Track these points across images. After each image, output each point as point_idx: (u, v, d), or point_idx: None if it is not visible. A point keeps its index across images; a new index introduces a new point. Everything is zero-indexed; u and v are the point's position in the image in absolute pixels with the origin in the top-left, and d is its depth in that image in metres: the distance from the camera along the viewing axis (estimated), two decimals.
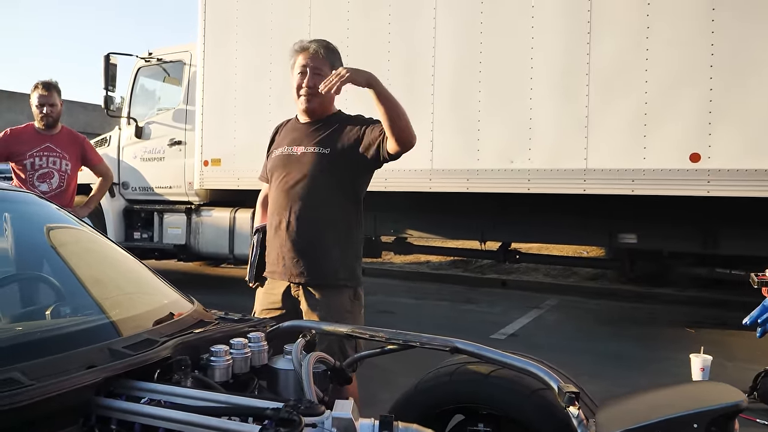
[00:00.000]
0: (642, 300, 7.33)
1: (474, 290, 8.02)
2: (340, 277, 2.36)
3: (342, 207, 2.37)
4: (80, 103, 26.61)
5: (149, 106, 7.52)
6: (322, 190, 2.33)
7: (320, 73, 2.35)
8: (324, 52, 2.39)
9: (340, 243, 2.36)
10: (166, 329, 1.57)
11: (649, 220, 5.50)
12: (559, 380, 1.46)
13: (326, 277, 2.34)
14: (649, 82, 4.51)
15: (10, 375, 1.15)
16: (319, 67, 2.37)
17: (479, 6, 5.01)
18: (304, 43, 2.43)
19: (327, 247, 2.34)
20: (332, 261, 2.34)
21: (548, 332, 5.73)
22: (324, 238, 2.34)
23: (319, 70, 2.36)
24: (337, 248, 2.35)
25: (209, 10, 6.31)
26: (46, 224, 2.03)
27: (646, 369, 4.45)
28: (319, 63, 2.37)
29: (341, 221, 2.37)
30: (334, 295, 2.34)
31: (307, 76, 2.37)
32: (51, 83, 3.94)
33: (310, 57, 2.38)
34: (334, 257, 2.35)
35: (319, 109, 2.42)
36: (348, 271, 2.38)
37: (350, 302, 2.38)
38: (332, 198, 2.34)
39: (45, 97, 3.85)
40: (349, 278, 2.39)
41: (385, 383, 3.73)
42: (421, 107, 5.25)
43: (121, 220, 7.27)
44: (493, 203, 5.70)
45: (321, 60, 2.38)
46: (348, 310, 2.36)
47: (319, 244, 2.34)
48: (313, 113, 2.43)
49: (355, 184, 2.42)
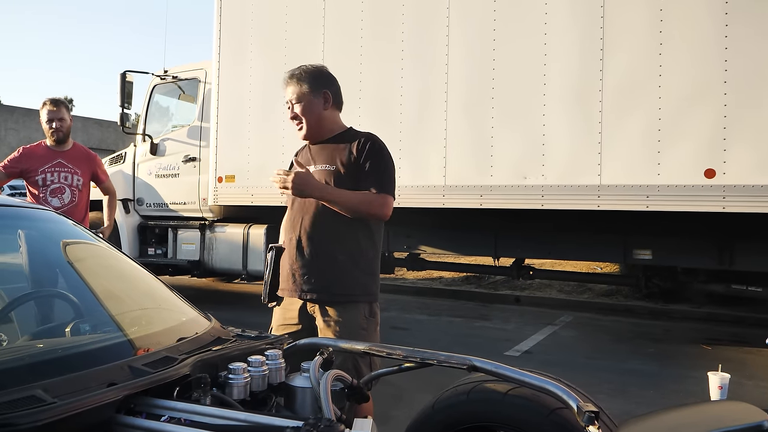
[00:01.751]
0: (657, 317, 7.26)
1: (487, 306, 7.98)
2: (352, 293, 2.36)
3: (350, 223, 2.36)
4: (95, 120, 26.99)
5: (164, 123, 7.61)
6: (328, 207, 2.35)
7: (299, 101, 2.44)
8: (297, 77, 2.45)
9: (350, 259, 2.36)
10: (184, 347, 1.57)
11: (664, 236, 5.46)
12: (578, 399, 1.45)
13: (338, 294, 2.34)
14: (662, 98, 4.49)
15: (33, 393, 1.16)
16: (297, 95, 2.45)
17: (492, 23, 5.04)
18: (285, 75, 2.51)
19: (337, 263, 2.34)
20: (343, 277, 2.35)
21: (563, 349, 5.69)
22: (333, 254, 2.34)
23: (298, 99, 2.45)
24: (347, 264, 2.35)
25: (224, 29, 6.39)
26: (65, 240, 2.05)
27: (663, 387, 4.40)
28: (296, 90, 2.44)
29: (350, 237, 2.37)
30: (348, 311, 2.34)
31: (291, 108, 2.47)
32: (59, 99, 4.03)
33: (288, 88, 2.47)
34: (344, 273, 2.35)
35: (315, 134, 2.48)
36: (360, 287, 2.38)
37: (365, 319, 2.37)
38: (340, 214, 2.35)
39: (54, 113, 3.93)
40: (362, 294, 2.38)
41: (397, 400, 3.72)
42: (435, 123, 5.27)
43: (136, 236, 7.33)
44: (506, 219, 5.69)
45: (296, 86, 2.44)
46: (363, 327, 2.35)
47: (329, 260, 2.34)
48: (312, 138, 2.49)
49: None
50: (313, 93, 2.42)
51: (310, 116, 2.43)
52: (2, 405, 1.10)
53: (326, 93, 2.44)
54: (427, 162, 5.32)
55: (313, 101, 2.42)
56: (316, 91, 2.42)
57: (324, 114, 2.45)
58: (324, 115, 2.45)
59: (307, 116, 2.43)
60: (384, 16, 5.49)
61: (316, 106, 2.43)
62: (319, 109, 2.44)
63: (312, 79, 2.43)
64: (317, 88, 2.43)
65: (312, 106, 2.43)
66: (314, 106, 2.43)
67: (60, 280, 1.92)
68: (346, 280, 2.35)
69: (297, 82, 2.43)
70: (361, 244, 2.40)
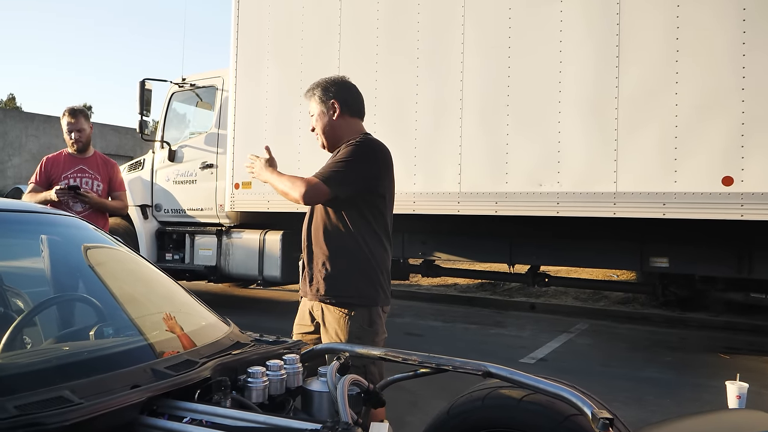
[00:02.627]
0: (674, 325, 7.19)
1: (502, 313, 7.96)
2: (344, 295, 2.36)
3: (344, 228, 2.39)
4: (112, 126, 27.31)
5: (182, 130, 7.70)
6: (321, 211, 2.43)
7: (312, 114, 2.56)
8: (310, 92, 2.56)
9: (342, 262, 2.38)
10: (205, 350, 1.61)
11: (681, 244, 5.43)
12: (592, 406, 1.46)
13: (331, 296, 2.38)
14: (679, 105, 4.48)
15: (61, 393, 1.20)
16: (310, 110, 2.57)
17: (507, 31, 5.06)
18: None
19: (331, 266, 2.38)
20: (347, 281, 2.37)
21: (578, 357, 5.66)
22: (326, 257, 2.39)
23: (312, 112, 2.56)
24: (339, 267, 2.37)
25: (241, 38, 6.47)
26: (86, 245, 2.10)
27: (680, 396, 4.36)
28: (310, 103, 2.57)
29: (344, 241, 2.38)
30: (342, 315, 2.35)
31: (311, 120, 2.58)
32: (77, 109, 4.11)
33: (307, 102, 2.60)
34: (347, 277, 2.37)
35: (331, 144, 2.55)
36: (352, 290, 2.36)
37: (360, 328, 2.34)
38: (333, 219, 2.41)
39: (72, 124, 4.04)
40: (351, 296, 2.36)
41: (411, 405, 3.73)
42: (450, 131, 5.29)
43: (154, 242, 7.41)
44: (521, 226, 5.69)
45: (309, 101, 2.57)
46: (357, 336, 2.32)
47: (324, 263, 2.40)
48: (332, 148, 2.56)
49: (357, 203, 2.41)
50: (323, 104, 2.51)
51: (321, 127, 2.52)
52: (32, 405, 1.14)
53: (334, 102, 2.49)
54: (442, 169, 5.34)
55: (323, 112, 2.51)
56: (325, 101, 2.50)
57: (335, 123, 2.49)
58: (335, 123, 2.49)
59: (319, 127, 2.53)
60: (399, 26, 5.54)
61: (326, 116, 2.50)
62: (329, 119, 2.50)
63: (321, 91, 2.52)
64: (326, 99, 2.50)
65: (322, 117, 2.51)
66: (324, 116, 2.51)
67: (82, 284, 1.97)
68: (341, 283, 2.37)
69: (310, 95, 2.56)
70: (354, 248, 2.39)
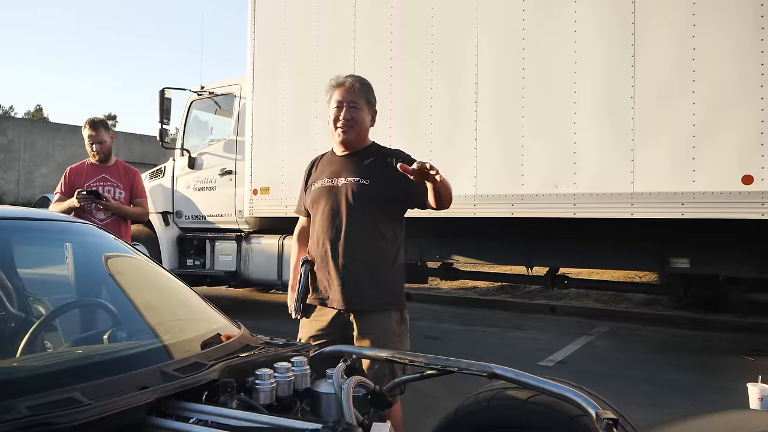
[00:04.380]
0: (698, 327, 7.08)
1: (522, 316, 7.91)
2: (386, 301, 2.44)
3: (384, 234, 2.44)
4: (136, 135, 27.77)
5: (202, 138, 7.81)
6: (364, 218, 2.41)
7: (356, 106, 2.48)
8: (359, 86, 2.51)
9: (384, 269, 2.44)
10: (214, 353, 1.64)
11: (702, 245, 5.34)
12: (597, 406, 1.46)
13: (373, 303, 2.41)
14: (696, 103, 4.43)
15: (71, 395, 1.24)
16: (354, 101, 2.49)
17: (521, 33, 5.05)
18: (340, 78, 2.55)
19: (373, 274, 2.41)
20: (378, 286, 2.42)
21: (598, 359, 5.61)
22: (369, 265, 2.41)
23: (355, 104, 2.48)
24: (381, 274, 2.43)
25: (258, 44, 6.55)
26: (104, 253, 2.16)
27: (702, 398, 4.30)
28: (355, 96, 2.49)
29: (384, 247, 2.45)
30: (383, 319, 2.41)
31: (343, 109, 2.48)
32: (97, 121, 4.20)
33: (346, 91, 2.50)
34: (379, 283, 2.42)
35: (355, 141, 2.52)
36: (393, 296, 2.46)
37: (398, 326, 2.46)
38: (374, 226, 2.41)
39: (93, 137, 4.14)
40: (395, 302, 2.46)
41: (428, 408, 3.73)
42: (465, 133, 5.29)
43: (175, 248, 7.52)
44: (539, 228, 5.65)
45: (356, 94, 2.50)
46: (396, 333, 2.43)
47: (365, 271, 2.41)
48: (349, 145, 2.53)
49: (395, 212, 2.50)
50: (370, 107, 2.55)
51: (361, 125, 2.52)
52: (43, 405, 1.18)
53: (375, 113, 2.59)
54: (457, 172, 5.33)
55: (367, 114, 2.54)
56: (372, 106, 2.56)
57: (368, 128, 2.57)
58: (368, 129, 2.57)
59: (360, 124, 2.51)
60: (413, 31, 5.56)
61: (367, 119, 2.54)
62: (368, 123, 2.56)
63: (373, 96, 2.57)
64: (373, 105, 2.57)
65: (365, 117, 2.53)
66: (366, 117, 2.54)
67: (99, 290, 2.02)
68: (382, 289, 2.43)
69: (361, 89, 2.52)
70: (393, 254, 2.48)
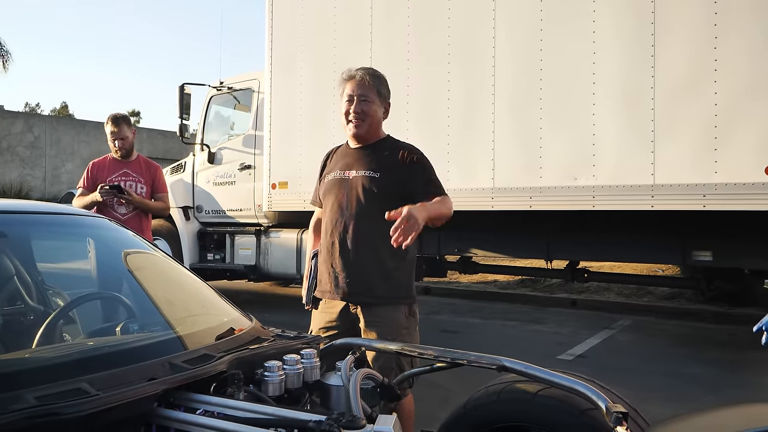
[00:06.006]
0: (722, 321, 6.97)
1: (542, 310, 7.85)
2: (394, 294, 2.42)
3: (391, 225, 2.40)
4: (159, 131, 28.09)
5: (221, 133, 7.87)
6: (373, 211, 2.39)
7: (367, 99, 2.45)
8: (370, 79, 2.48)
9: (393, 262, 2.42)
10: (223, 345, 1.65)
11: (725, 237, 5.25)
12: (607, 400, 1.45)
13: (381, 296, 2.40)
14: (718, 93, 4.34)
15: (79, 385, 1.25)
16: (365, 94, 2.46)
17: (539, 23, 4.99)
18: (351, 71, 2.52)
19: (381, 266, 2.41)
20: (386, 279, 2.41)
21: (619, 353, 5.55)
22: (377, 258, 2.40)
23: (366, 97, 2.46)
24: (391, 267, 2.42)
25: (276, 39, 6.57)
26: (118, 247, 2.18)
27: (724, 393, 4.23)
28: (366, 90, 2.47)
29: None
30: (391, 312, 2.40)
31: (354, 102, 2.46)
32: (119, 117, 4.24)
33: (357, 84, 2.47)
34: (387, 276, 2.41)
35: (367, 134, 2.51)
36: (402, 289, 2.45)
37: (406, 319, 2.44)
38: (383, 219, 2.39)
39: (115, 133, 4.18)
40: (403, 295, 2.45)
41: (444, 402, 3.72)
42: (482, 126, 5.25)
43: (195, 242, 7.59)
44: (558, 221, 5.60)
45: (368, 87, 2.47)
46: (404, 326, 2.42)
47: (373, 264, 2.40)
48: (362, 138, 2.52)
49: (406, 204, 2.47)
50: (382, 99, 2.51)
51: (373, 118, 2.49)
52: (51, 396, 1.20)
53: (388, 105, 2.55)
54: (475, 165, 5.31)
55: (379, 106, 2.51)
56: (384, 99, 2.52)
57: (380, 121, 2.55)
58: (380, 121, 2.55)
59: (373, 117, 2.49)
60: (430, 22, 5.53)
61: (379, 111, 2.51)
62: (380, 116, 2.53)
63: (385, 88, 2.54)
64: (386, 97, 2.53)
65: (377, 110, 2.50)
66: (378, 110, 2.51)
67: (112, 283, 2.05)
68: (390, 281, 2.42)
69: (372, 82, 2.48)
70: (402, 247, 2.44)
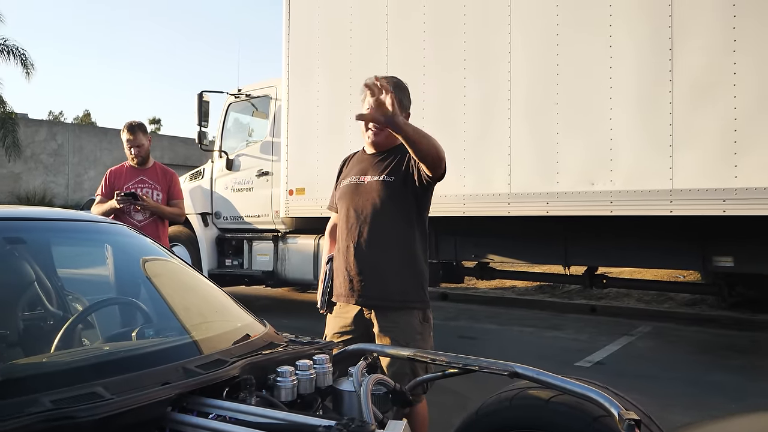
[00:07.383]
0: (745, 327, 6.85)
1: (560, 316, 7.78)
2: (409, 299, 2.43)
3: (407, 231, 2.43)
4: (180, 138, 28.43)
5: (239, 140, 7.94)
6: (388, 215, 2.41)
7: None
8: (391, 88, 2.45)
9: (407, 266, 2.43)
10: (236, 350, 1.66)
11: (747, 242, 5.17)
12: (620, 407, 1.43)
13: (396, 300, 2.41)
14: (738, 96, 4.29)
15: (93, 389, 1.28)
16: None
17: (554, 28, 4.97)
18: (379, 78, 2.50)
19: (395, 271, 2.41)
20: (400, 284, 2.42)
21: (638, 360, 5.48)
22: (392, 262, 2.41)
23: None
24: (404, 271, 2.43)
25: (293, 46, 6.62)
26: (135, 253, 2.22)
27: (747, 401, 4.16)
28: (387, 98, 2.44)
29: (407, 245, 2.44)
30: (404, 317, 2.41)
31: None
32: (134, 125, 4.30)
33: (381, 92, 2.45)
34: (402, 280, 2.42)
35: (384, 142, 2.52)
36: (416, 294, 2.45)
37: (420, 324, 2.44)
38: (398, 223, 2.41)
39: (131, 140, 4.25)
40: (418, 300, 2.45)
41: (461, 408, 3.71)
42: (498, 132, 5.24)
43: (214, 248, 7.66)
44: (575, 226, 5.56)
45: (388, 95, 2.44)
46: (418, 332, 2.42)
47: (387, 267, 2.41)
48: (379, 146, 2.54)
49: (419, 209, 2.48)
50: (402, 108, 2.47)
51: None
52: (65, 400, 1.22)
53: (408, 114, 2.53)
54: (491, 170, 5.30)
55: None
56: (404, 108, 2.49)
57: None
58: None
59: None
60: (445, 30, 5.54)
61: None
62: None
63: (407, 98, 2.53)
64: (406, 107, 2.52)
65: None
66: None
67: (129, 289, 2.08)
68: (404, 286, 2.43)
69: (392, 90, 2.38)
70: (417, 252, 2.46)
